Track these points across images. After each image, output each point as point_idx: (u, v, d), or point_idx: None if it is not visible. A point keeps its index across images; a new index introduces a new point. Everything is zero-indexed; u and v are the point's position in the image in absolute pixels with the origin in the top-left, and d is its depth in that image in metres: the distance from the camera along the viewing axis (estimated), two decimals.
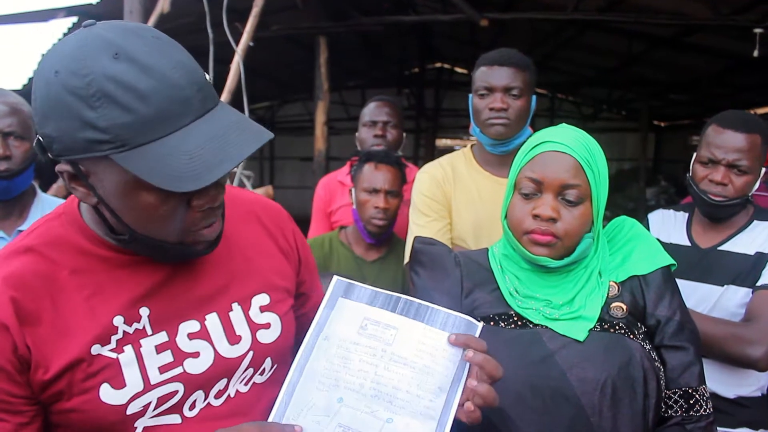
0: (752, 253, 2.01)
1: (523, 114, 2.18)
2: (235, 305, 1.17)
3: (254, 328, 1.17)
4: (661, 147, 15.83)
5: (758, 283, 1.95)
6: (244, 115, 1.01)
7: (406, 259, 2.32)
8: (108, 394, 1.02)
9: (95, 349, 1.02)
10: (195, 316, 1.12)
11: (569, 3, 6.53)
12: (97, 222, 1.07)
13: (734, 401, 2.01)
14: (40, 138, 0.96)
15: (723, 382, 2.00)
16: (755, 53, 5.53)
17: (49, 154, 0.96)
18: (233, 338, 1.14)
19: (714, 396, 1.89)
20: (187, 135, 0.92)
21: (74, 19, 6.60)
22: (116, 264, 1.07)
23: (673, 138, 15.46)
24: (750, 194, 2.02)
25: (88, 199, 1.00)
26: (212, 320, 1.13)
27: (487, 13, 6.63)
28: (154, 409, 1.05)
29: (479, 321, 1.14)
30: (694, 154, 2.10)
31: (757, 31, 5.51)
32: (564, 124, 1.48)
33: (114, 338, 1.04)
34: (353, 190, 2.63)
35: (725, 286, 2.00)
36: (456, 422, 1.08)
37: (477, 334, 1.13)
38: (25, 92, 1.12)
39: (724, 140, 1.97)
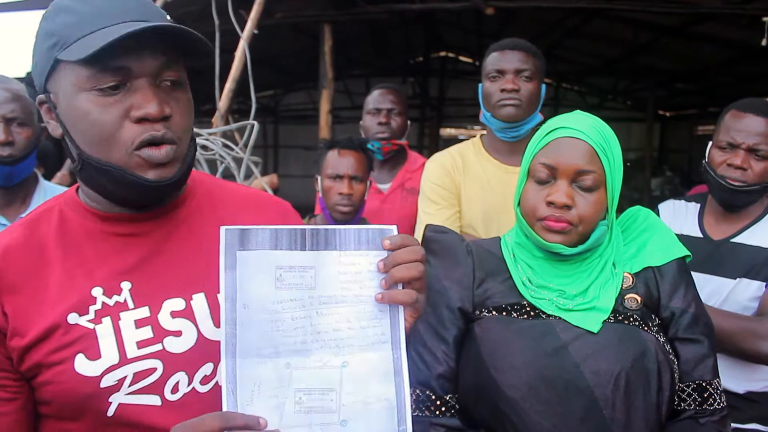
0: (766, 245, 1.98)
1: (533, 97, 2.20)
2: None
3: None
4: (666, 137, 15.78)
5: None
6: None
7: None
8: (82, 365, 1.01)
9: (72, 318, 1.03)
10: (181, 294, 1.11)
11: None
12: (88, 193, 1.11)
13: (744, 396, 1.99)
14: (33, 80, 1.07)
15: (733, 377, 1.97)
16: (764, 42, 5.47)
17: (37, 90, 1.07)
18: (219, 321, 1.12)
19: (724, 391, 1.87)
20: (119, 29, 0.96)
21: None
22: (102, 236, 1.09)
23: (679, 128, 15.41)
24: None
25: (57, 131, 1.06)
26: (199, 300, 1.12)
27: (493, 1, 6.57)
28: (129, 385, 1.04)
29: (392, 227, 1.04)
30: (710, 142, 2.08)
31: (766, 20, 5.45)
32: (578, 111, 1.46)
33: (92, 308, 1.04)
34: (319, 178, 2.60)
35: (737, 279, 1.97)
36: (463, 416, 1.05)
37: (394, 233, 1.05)
38: (29, 80, 1.11)
39: (745, 125, 1.95)
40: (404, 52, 13.37)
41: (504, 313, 1.41)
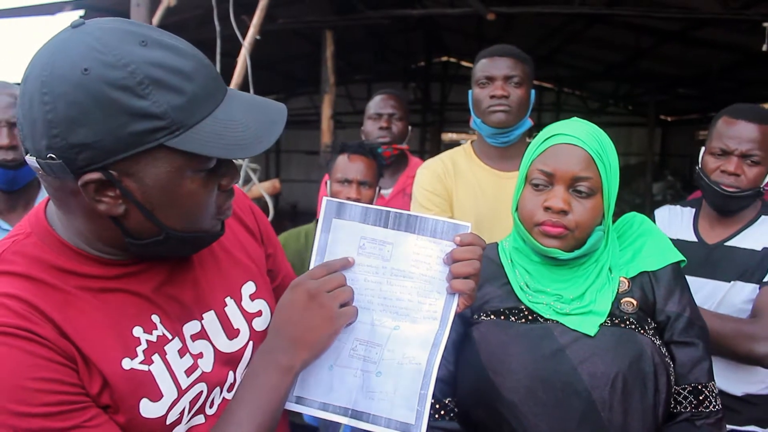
0: (759, 248, 1.99)
1: (523, 103, 2.22)
2: (228, 299, 1.16)
3: (249, 318, 1.18)
4: (667, 142, 15.78)
5: (765, 279, 1.94)
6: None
7: None
8: (148, 409, 0.98)
9: (126, 363, 0.97)
10: (195, 316, 1.11)
11: None
12: (83, 234, 0.98)
13: (742, 399, 2.00)
14: (53, 155, 0.85)
15: (730, 380, 1.99)
16: (764, 47, 5.48)
17: (67, 168, 0.86)
18: (231, 332, 1.14)
19: (721, 393, 1.87)
20: (228, 108, 0.93)
21: (81, 12, 6.60)
22: (110, 277, 1.00)
23: (680, 133, 15.40)
24: (762, 187, 1.99)
25: (114, 209, 0.92)
26: (210, 318, 1.12)
27: (494, 6, 6.59)
28: (188, 414, 1.05)
29: (467, 223, 1.19)
30: (703, 148, 2.09)
31: (766, 25, 5.47)
32: (576, 118, 1.48)
33: (139, 350, 0.99)
34: (328, 182, 2.61)
35: (732, 282, 1.98)
36: (466, 418, 1.11)
37: (468, 231, 1.20)
38: None
39: (737, 131, 1.96)
40: (406, 57, 13.41)
41: (502, 317, 1.42)
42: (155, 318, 1.03)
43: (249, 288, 1.21)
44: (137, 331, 1.00)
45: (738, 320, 1.90)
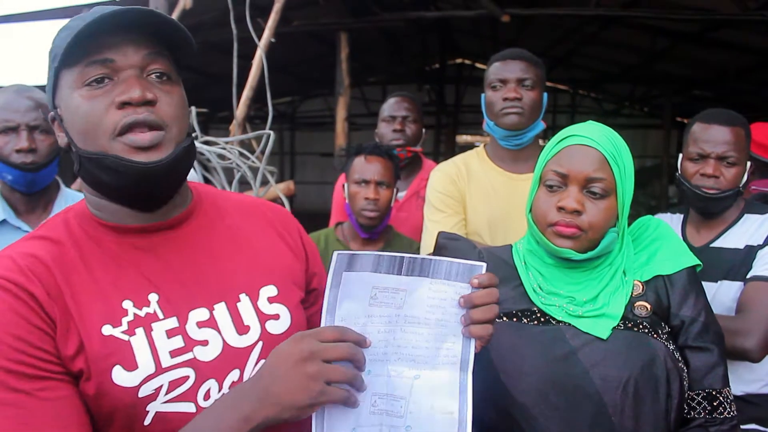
0: (742, 246, 2.05)
1: (536, 105, 2.24)
2: (242, 296, 1.17)
3: (263, 318, 1.18)
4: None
5: (748, 275, 1.99)
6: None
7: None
8: (120, 376, 1.02)
9: (106, 330, 1.04)
10: (204, 304, 1.13)
11: None
12: (92, 200, 1.13)
13: (741, 398, 2.02)
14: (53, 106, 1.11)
15: (729, 380, 2.00)
16: None
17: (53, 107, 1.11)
18: (242, 328, 1.15)
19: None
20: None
21: None
22: (120, 249, 1.10)
23: None
24: (741, 186, 2.07)
25: (63, 140, 1.10)
26: (220, 310, 1.14)
27: (509, 8, 6.59)
28: (166, 394, 1.05)
29: (483, 262, 1.14)
30: (680, 155, 2.17)
31: None
32: (591, 121, 1.48)
33: (125, 320, 1.06)
34: (346, 184, 2.61)
35: (719, 282, 2.04)
36: (477, 421, 1.10)
37: (483, 272, 1.14)
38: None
39: (711, 134, 2.05)
40: (420, 59, 13.41)
41: (515, 319, 1.43)
42: (152, 297, 1.09)
43: (269, 291, 1.21)
44: (127, 303, 1.07)
45: (723, 317, 1.88)
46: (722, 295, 2.02)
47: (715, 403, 1.37)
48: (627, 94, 13.91)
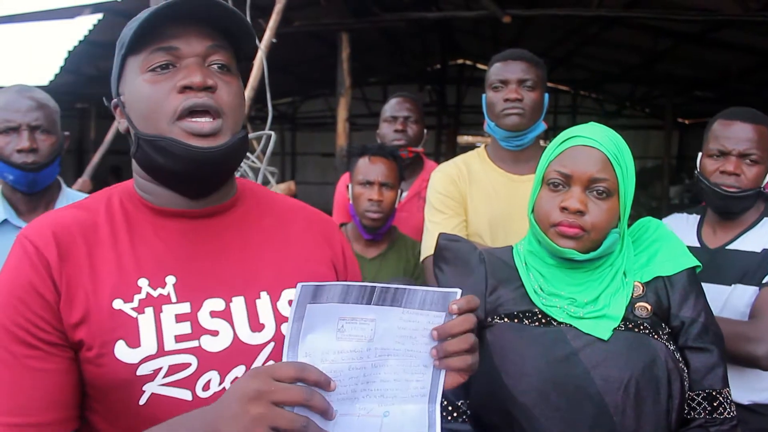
0: (759, 250, 1.98)
1: (537, 106, 2.23)
2: (263, 294, 1.16)
3: (280, 320, 1.16)
4: (685, 145, 15.65)
5: (764, 281, 1.92)
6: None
7: (422, 257, 2.33)
8: (122, 351, 1.03)
9: (117, 304, 1.05)
10: (221, 295, 1.13)
11: None
12: (147, 187, 1.16)
13: (748, 407, 1.96)
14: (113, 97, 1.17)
15: (737, 388, 1.86)
16: None
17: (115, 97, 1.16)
18: (256, 325, 1.14)
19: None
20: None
21: (100, 15, 6.66)
22: (154, 230, 1.13)
23: (698, 136, 15.03)
24: (762, 187, 2.00)
25: (123, 125, 1.15)
26: (238, 303, 1.14)
27: (510, 9, 6.59)
28: (164, 377, 1.05)
29: (457, 290, 1.07)
30: (700, 153, 2.11)
31: None
32: (592, 122, 1.49)
33: (137, 297, 1.07)
34: (350, 185, 2.61)
35: (733, 285, 1.97)
36: (478, 421, 1.08)
37: (458, 297, 1.07)
38: (52, 88, 1.15)
39: (733, 131, 1.99)
40: (421, 60, 13.41)
41: (516, 321, 1.43)
42: (169, 279, 1.10)
43: (292, 294, 1.21)
44: (142, 281, 1.08)
45: (735, 322, 1.88)
46: (736, 299, 1.95)
47: (715, 404, 1.38)
48: (628, 95, 13.89)
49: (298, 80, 12.48)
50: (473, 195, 2.30)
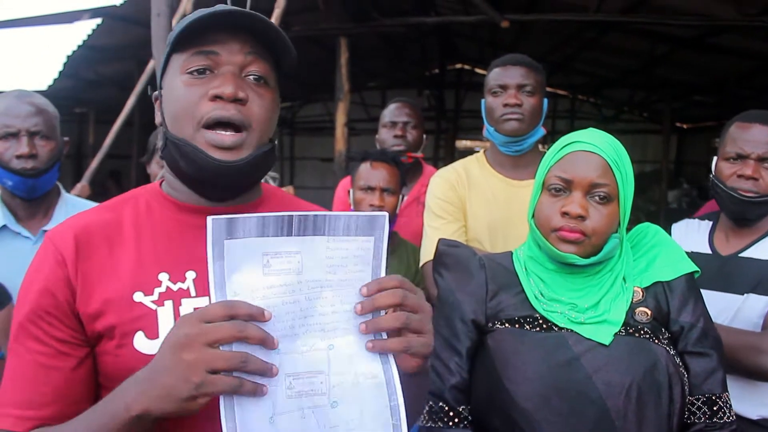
0: None
1: (536, 112, 2.24)
2: None
3: None
4: (683, 149, 15.67)
5: None
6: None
7: (421, 262, 2.33)
8: (141, 343, 1.06)
9: (137, 296, 1.08)
10: None
11: (591, 4, 6.49)
12: (174, 184, 1.20)
13: (757, 422, 1.89)
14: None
15: (745, 401, 1.88)
16: None
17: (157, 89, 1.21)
18: None
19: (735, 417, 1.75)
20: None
21: (98, 20, 6.67)
22: (177, 226, 1.16)
23: (696, 140, 15.29)
24: None
25: (158, 118, 1.19)
26: None
27: (509, 14, 6.60)
28: None
29: (383, 213, 1.03)
30: (715, 158, 2.05)
31: None
32: (592, 128, 1.49)
33: (157, 290, 1.10)
34: (351, 190, 2.62)
35: (745, 294, 1.90)
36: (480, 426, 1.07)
37: (385, 224, 1.03)
38: (51, 93, 1.15)
39: (752, 134, 1.92)
40: (420, 64, 13.43)
41: (517, 326, 1.43)
42: (189, 274, 1.13)
43: None
44: (163, 276, 1.11)
45: (746, 333, 1.83)
46: (748, 309, 1.88)
47: (714, 408, 1.38)
48: (626, 100, 13.90)
49: (297, 85, 12.50)
50: (472, 200, 2.31)
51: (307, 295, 0.99)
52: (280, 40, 1.13)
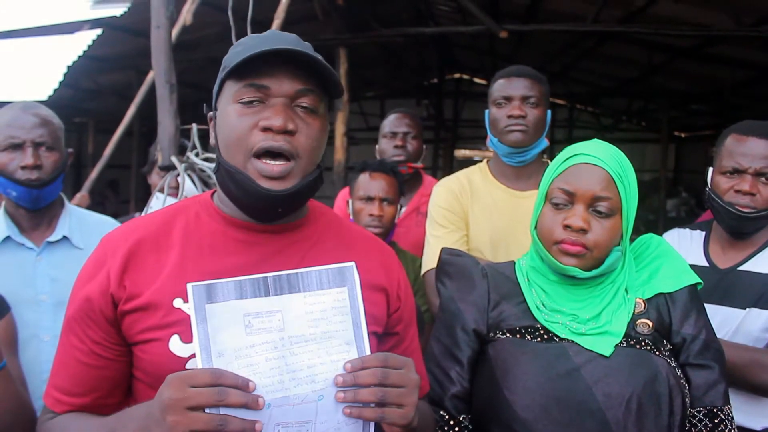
0: None
1: (540, 123, 2.24)
2: None
3: None
4: (681, 158, 15.69)
5: None
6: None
7: (423, 270, 2.34)
8: (176, 346, 1.14)
9: (177, 302, 1.15)
10: None
11: (589, 14, 6.52)
12: (221, 197, 1.26)
13: None
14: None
15: (749, 413, 1.85)
16: None
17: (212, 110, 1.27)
18: None
19: (740, 429, 1.74)
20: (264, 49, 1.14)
21: (99, 31, 6.70)
22: (222, 238, 1.22)
23: (694, 149, 15.31)
24: None
25: (213, 140, 1.25)
26: None
27: (507, 24, 6.64)
28: None
29: (350, 263, 1.13)
30: (710, 169, 2.02)
31: None
32: (596, 139, 1.49)
33: None
34: (350, 201, 2.64)
35: (747, 309, 1.87)
36: None
37: (354, 274, 1.12)
38: (51, 103, 1.17)
39: (749, 148, 1.89)
40: (419, 74, 13.46)
41: (518, 336, 1.44)
42: None
43: None
44: None
45: (752, 349, 1.81)
46: (750, 324, 1.85)
47: (716, 420, 1.38)
48: (624, 109, 13.94)
49: None
50: (475, 210, 2.31)
51: (291, 350, 1.06)
52: (328, 73, 1.18)
